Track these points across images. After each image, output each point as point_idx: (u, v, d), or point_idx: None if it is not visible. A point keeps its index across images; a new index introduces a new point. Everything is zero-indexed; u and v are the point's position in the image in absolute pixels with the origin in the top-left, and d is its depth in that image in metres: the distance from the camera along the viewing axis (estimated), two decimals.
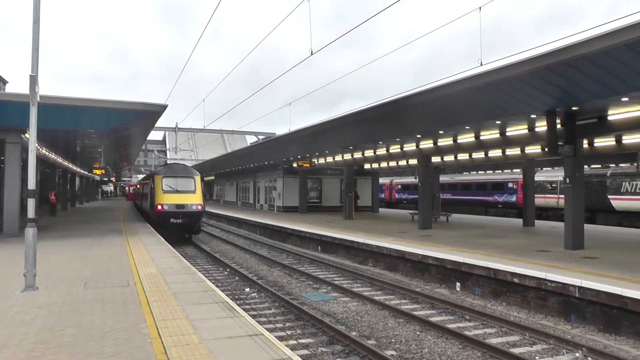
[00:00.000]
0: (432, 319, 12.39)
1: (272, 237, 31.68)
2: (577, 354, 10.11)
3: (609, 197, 35.05)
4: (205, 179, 66.65)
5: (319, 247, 25.51)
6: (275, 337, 8.12)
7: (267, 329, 10.58)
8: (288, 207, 44.06)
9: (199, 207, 27.35)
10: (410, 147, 28.01)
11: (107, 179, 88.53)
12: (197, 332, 7.71)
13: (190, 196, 27.31)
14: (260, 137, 51.62)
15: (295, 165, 39.77)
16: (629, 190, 33.90)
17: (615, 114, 16.70)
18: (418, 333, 11.35)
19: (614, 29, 11.20)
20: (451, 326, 11.78)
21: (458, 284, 16.11)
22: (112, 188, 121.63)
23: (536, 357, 9.91)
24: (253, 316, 12.00)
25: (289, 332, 11.23)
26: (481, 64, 14.91)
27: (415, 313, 12.95)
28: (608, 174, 35.64)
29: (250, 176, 55.00)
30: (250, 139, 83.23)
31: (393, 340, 10.82)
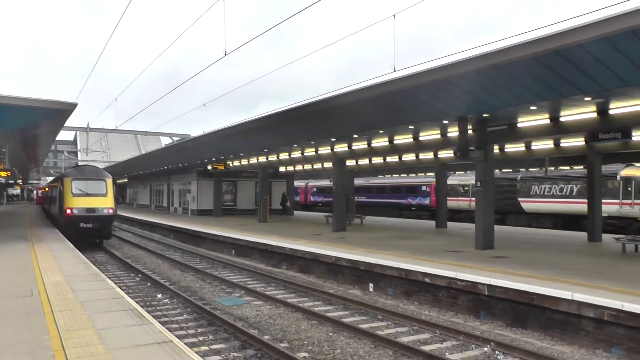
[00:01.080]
0: (345, 320, 12.48)
1: (186, 241, 31.16)
2: (485, 349, 10.45)
3: (519, 199, 36.70)
4: (117, 181, 64.87)
5: (233, 251, 25.27)
6: (185, 343, 7.97)
7: (178, 336, 10.38)
8: (202, 211, 43.43)
9: (111, 210, 26.54)
10: (325, 150, 28.21)
11: (13, 181, 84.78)
12: (103, 341, 7.45)
13: (101, 200, 26.44)
14: (175, 138, 50.76)
15: (209, 167, 39.37)
16: (538, 193, 35.62)
17: (525, 122, 17.43)
18: (331, 334, 11.41)
19: (523, 41, 11.68)
20: (364, 326, 11.91)
21: (371, 285, 16.32)
22: (18, 191, 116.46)
23: (446, 354, 10.16)
24: (164, 323, 11.77)
25: (200, 338, 11.04)
26: (394, 70, 15.16)
27: (328, 314, 13.02)
28: (518, 178, 37.39)
29: (165, 179, 53.95)
30: (166, 141, 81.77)
31: (306, 342, 10.83)
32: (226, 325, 11.89)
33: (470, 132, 18.31)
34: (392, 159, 30.09)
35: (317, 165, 36.58)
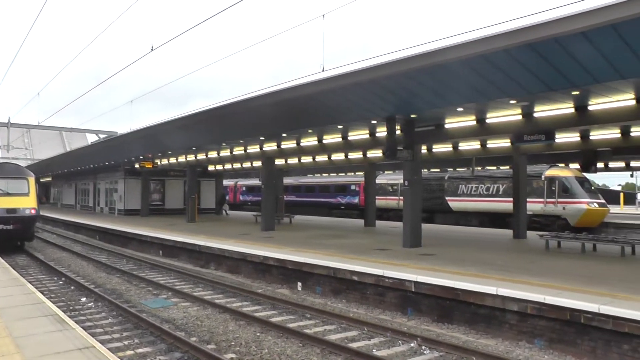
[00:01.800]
0: (273, 320, 12.43)
1: (112, 242, 30.40)
2: (412, 344, 10.62)
3: (447, 198, 37.73)
4: (41, 180, 62.81)
5: (161, 252, 24.83)
6: (109, 348, 7.74)
7: (102, 340, 10.07)
8: (130, 210, 42.37)
9: (33, 211, 25.57)
10: (254, 149, 28.07)
11: None
12: (20, 350, 7.14)
13: (22, 199, 25.44)
14: (102, 135, 49.43)
15: (137, 166, 38.50)
16: (465, 192, 36.75)
17: (452, 123, 17.82)
18: (258, 334, 11.33)
19: (451, 44, 11.93)
20: (292, 325, 11.88)
21: (299, 284, 16.32)
22: None
23: (374, 350, 10.25)
24: (88, 328, 11.39)
25: (125, 342, 10.75)
26: (323, 70, 15.21)
27: (256, 314, 12.93)
28: (446, 178, 38.47)
29: (91, 177, 52.47)
30: (92, 138, 79.61)
31: (233, 343, 10.72)
32: (152, 328, 11.64)
33: (398, 132, 18.55)
34: (322, 158, 30.25)
35: (247, 164, 36.38)
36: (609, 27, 9.61)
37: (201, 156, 33.23)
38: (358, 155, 28.15)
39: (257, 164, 33.20)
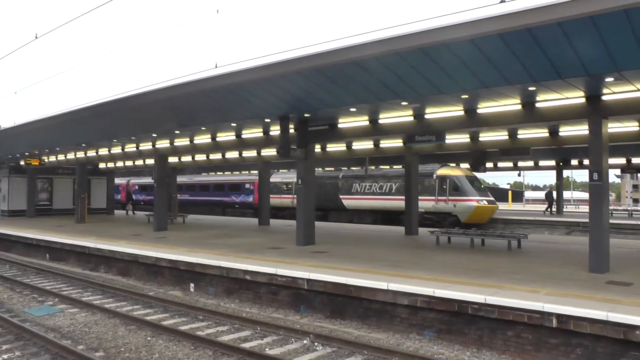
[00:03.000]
0: (165, 323, 12.21)
1: None
2: (305, 341, 10.76)
3: (341, 196, 38.44)
4: None
5: (48, 255, 23.77)
6: None
7: None
8: (15, 211, 39.89)
9: None
10: (146, 146, 27.46)
11: None
12: None
13: None
14: None
15: (22, 163, 36.64)
16: (359, 190, 37.61)
17: (345, 123, 18.16)
18: (149, 339, 11.09)
19: (344, 46, 12.15)
20: (183, 328, 11.73)
21: (192, 285, 16.13)
22: None
23: (266, 349, 10.28)
24: None
25: (5, 356, 10.21)
26: (216, 66, 15.08)
27: (147, 318, 12.65)
28: (340, 176, 39.22)
29: None
30: None
31: (123, 349, 10.44)
32: (36, 338, 11.06)
33: (292, 131, 18.71)
34: (216, 156, 30.04)
35: (139, 162, 35.45)
36: (496, 36, 10.17)
37: (91, 153, 32.04)
38: (252, 153, 28.17)
39: (150, 161, 32.48)
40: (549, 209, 43.09)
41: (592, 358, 9.08)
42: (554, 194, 44.25)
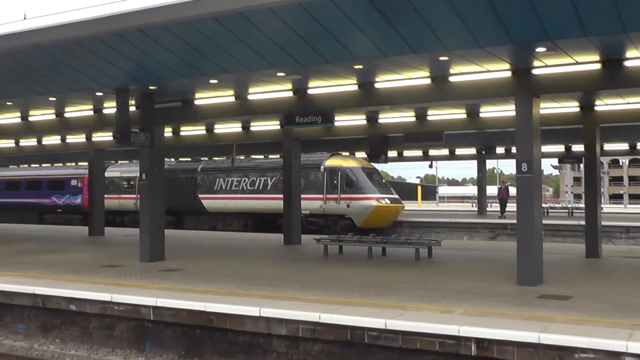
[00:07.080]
0: None
1: None
2: None
3: (200, 196, 37.74)
4: None
5: None
6: None
7: None
8: None
9: None
10: None
11: None
12: None
13: None
14: None
15: None
16: (224, 187, 36.95)
17: (204, 99, 17.94)
18: None
19: None
20: None
21: None
22: None
23: None
24: None
25: None
26: (25, 18, 14.55)
27: None
28: (199, 169, 38.42)
29: None
30: None
31: None
32: None
33: (133, 109, 18.28)
34: (29, 142, 29.08)
35: None
36: None
37: None
38: (81, 139, 27.46)
39: None
40: (501, 212, 41.60)
41: None
42: (509, 190, 43.78)
